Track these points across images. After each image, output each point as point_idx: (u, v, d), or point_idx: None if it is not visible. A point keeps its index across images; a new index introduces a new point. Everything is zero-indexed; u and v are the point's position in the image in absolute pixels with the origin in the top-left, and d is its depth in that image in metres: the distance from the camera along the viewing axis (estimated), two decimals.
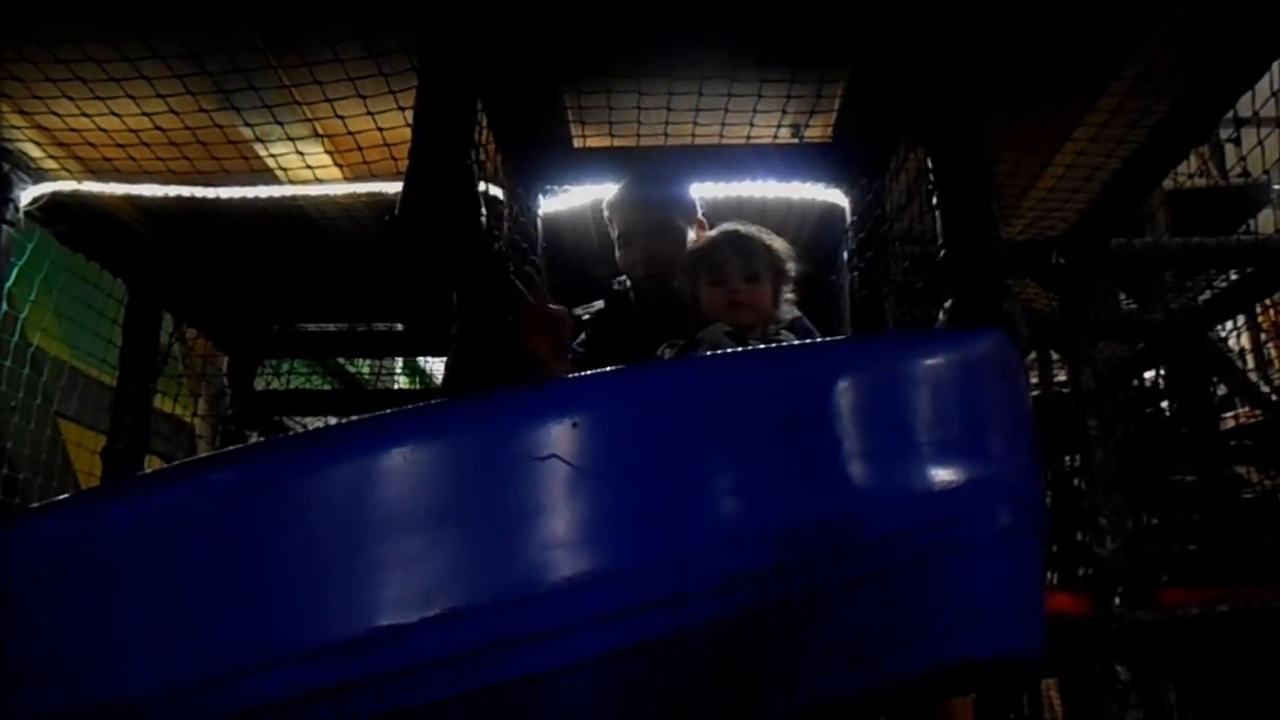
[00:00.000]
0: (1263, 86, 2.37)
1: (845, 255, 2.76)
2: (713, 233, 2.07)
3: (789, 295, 1.95)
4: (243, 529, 1.03)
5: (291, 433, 1.23)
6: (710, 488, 1.11)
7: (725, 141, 2.69)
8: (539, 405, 1.09)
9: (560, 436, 1.06)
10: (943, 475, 1.26)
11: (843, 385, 1.24)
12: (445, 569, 1.01)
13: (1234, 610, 2.43)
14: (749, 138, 2.68)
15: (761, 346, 1.66)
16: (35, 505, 1.24)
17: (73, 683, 0.99)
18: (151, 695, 0.98)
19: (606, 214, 2.33)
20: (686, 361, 1.48)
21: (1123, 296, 4.03)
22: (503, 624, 1.00)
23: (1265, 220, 3.61)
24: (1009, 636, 1.37)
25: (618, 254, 2.28)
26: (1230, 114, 2.53)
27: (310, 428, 3.02)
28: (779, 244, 1.97)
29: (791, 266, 1.97)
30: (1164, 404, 4.01)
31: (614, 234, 2.30)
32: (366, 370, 5.28)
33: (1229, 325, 3.78)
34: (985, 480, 1.32)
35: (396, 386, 5.34)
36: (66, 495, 1.17)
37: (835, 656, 1.16)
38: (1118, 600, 2.56)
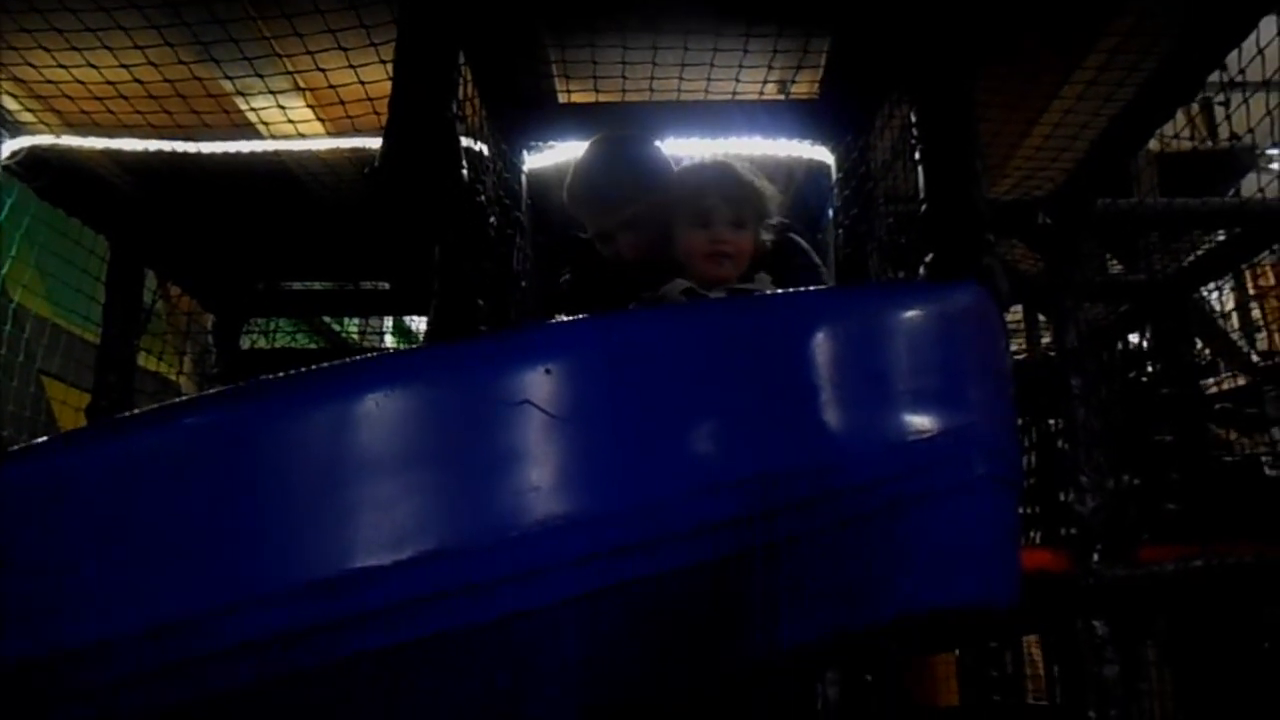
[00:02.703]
0: (1249, 46, 2.36)
1: (831, 213, 2.75)
2: (702, 166, 1.93)
3: (765, 237, 1.84)
4: (217, 472, 1.03)
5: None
6: (684, 434, 1.11)
7: (711, 97, 2.67)
8: (512, 351, 1.09)
9: (534, 383, 1.06)
10: (917, 424, 1.27)
11: (819, 335, 1.25)
12: (419, 512, 1.02)
13: (1208, 566, 2.46)
14: (735, 94, 2.66)
15: (735, 296, 1.66)
16: (15, 449, 1.24)
17: (51, 625, 1.00)
18: (127, 637, 0.99)
19: (570, 208, 2.03)
20: (662, 310, 1.48)
21: (1109, 258, 4.04)
22: (477, 566, 1.01)
23: (1251, 184, 3.60)
24: (982, 586, 1.39)
25: (595, 244, 2.01)
26: (1217, 74, 2.52)
27: None
28: (768, 188, 1.86)
29: (774, 210, 1.86)
30: (1148, 366, 4.02)
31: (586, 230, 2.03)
32: (355, 330, 5.27)
33: (1213, 287, 3.79)
34: (960, 430, 1.33)
35: (385, 345, 5.33)
36: (46, 439, 1.17)
37: (810, 603, 1.17)
38: (1096, 557, 2.59)
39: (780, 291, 1.65)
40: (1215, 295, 3.94)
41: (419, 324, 5.34)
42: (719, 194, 1.77)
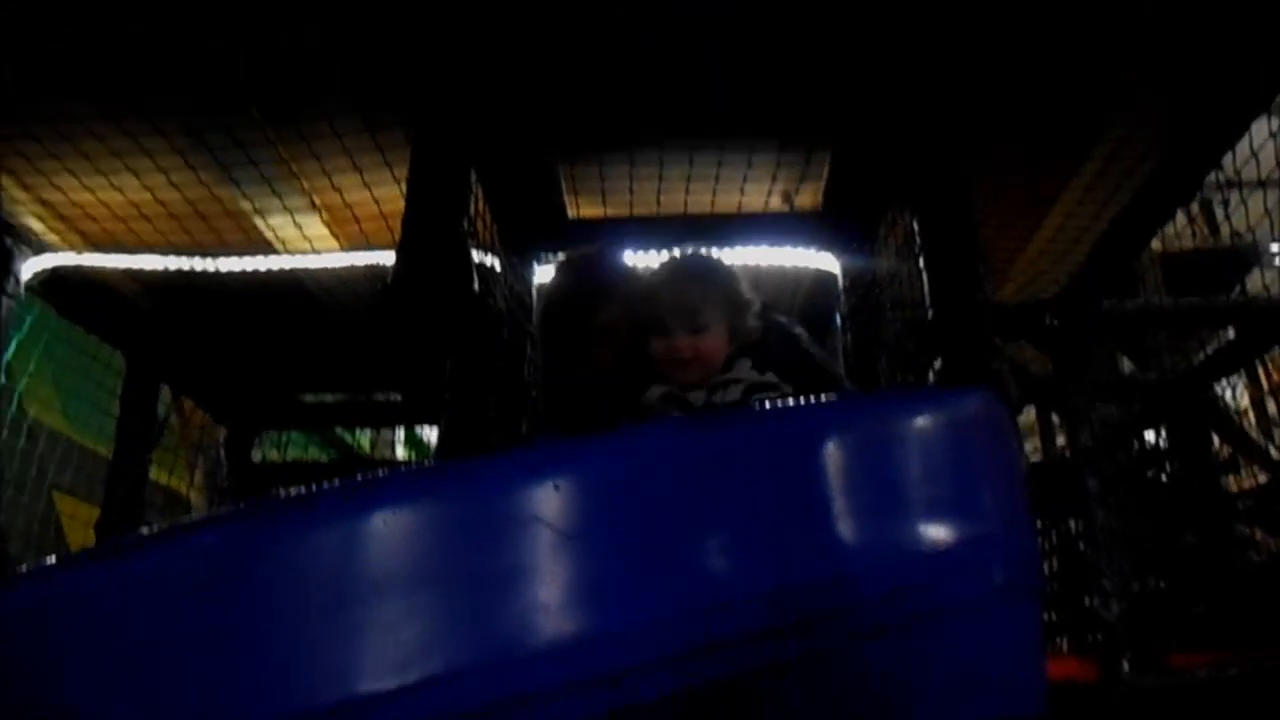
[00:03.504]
0: (1244, 146, 2.41)
1: (839, 319, 2.78)
2: (655, 271, 1.86)
3: (752, 323, 1.75)
4: (222, 592, 1.01)
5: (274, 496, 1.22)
6: (693, 551, 1.09)
7: (717, 210, 2.73)
8: (520, 468, 1.09)
9: (542, 500, 1.05)
10: (934, 534, 1.25)
11: (830, 446, 1.23)
12: (424, 634, 1.00)
13: (1245, 674, 2.38)
14: (740, 206, 2.72)
15: (740, 407, 1.65)
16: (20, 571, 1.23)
17: None
18: None
19: (546, 338, 1.96)
20: (668, 424, 1.48)
21: (1120, 356, 4.04)
22: (484, 689, 0.98)
23: (1256, 280, 3.63)
24: (1008, 699, 1.34)
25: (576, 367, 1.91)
26: (1212, 175, 2.57)
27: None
28: (728, 278, 1.77)
29: (747, 292, 1.77)
30: (1166, 464, 3.98)
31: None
32: (366, 442, 5.27)
33: (1226, 384, 3.77)
34: (977, 539, 1.30)
35: (396, 456, 5.32)
36: (50, 560, 1.16)
37: None
38: (1126, 665, 2.51)
39: (790, 404, 1.64)
40: (1228, 392, 3.92)
41: (430, 434, 5.34)
42: (670, 300, 1.72)
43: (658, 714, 1.05)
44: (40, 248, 2.91)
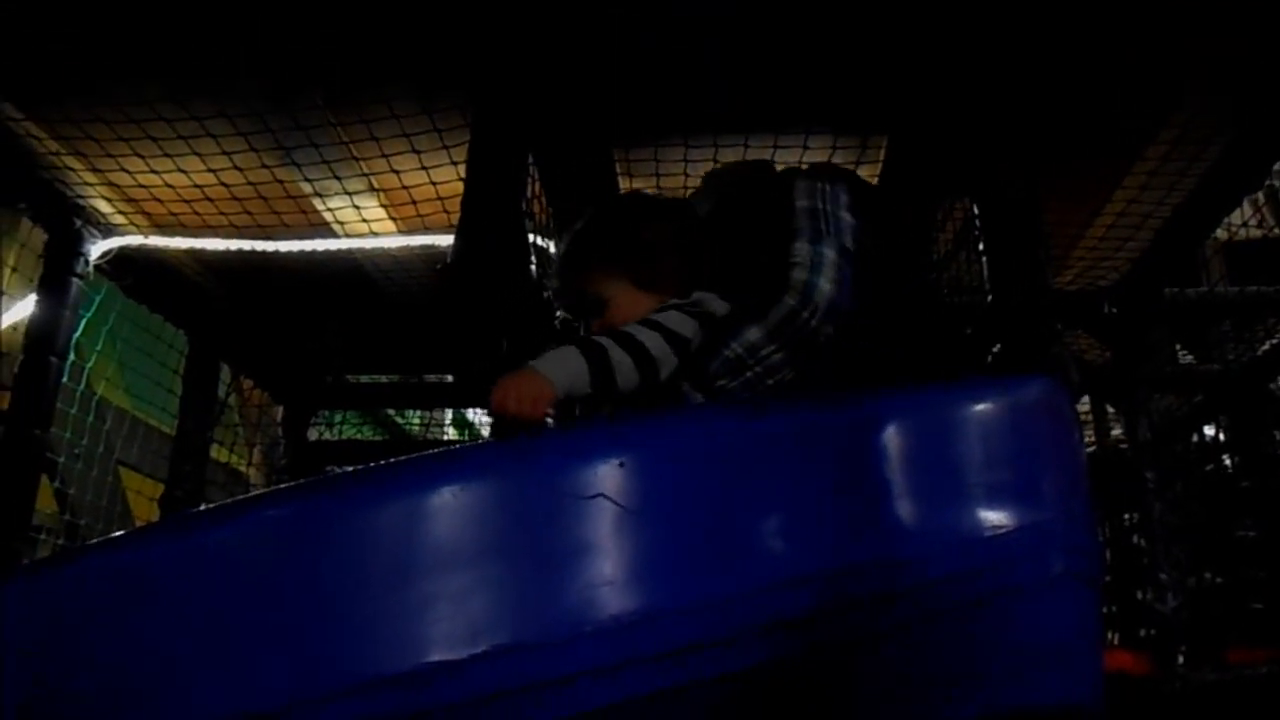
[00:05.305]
0: None
1: None
2: None
3: (667, 260, 1.55)
4: (293, 565, 1.04)
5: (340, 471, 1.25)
6: (758, 530, 1.11)
7: None
8: (587, 446, 1.10)
9: (608, 477, 1.07)
10: (994, 520, 1.25)
11: (893, 430, 1.24)
12: (493, 606, 1.02)
13: None
14: None
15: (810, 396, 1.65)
16: (91, 542, 1.28)
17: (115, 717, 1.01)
18: None
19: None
20: (736, 406, 1.49)
21: (1179, 349, 3.96)
22: (549, 662, 1.01)
23: None
24: (1065, 687, 1.34)
25: None
26: None
27: None
28: (595, 243, 1.58)
29: (632, 237, 1.57)
30: (1226, 458, 3.90)
31: None
32: (417, 423, 5.34)
33: None
34: (1038, 526, 1.30)
35: (446, 438, 5.39)
36: (120, 532, 1.20)
37: (883, 702, 1.14)
38: (1181, 659, 2.48)
39: (855, 392, 1.63)
40: None
41: (478, 416, 5.40)
42: (559, 304, 1.67)
43: (715, 691, 1.07)
44: (108, 230, 2.99)
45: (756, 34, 2.17)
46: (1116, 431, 4.39)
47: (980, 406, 1.32)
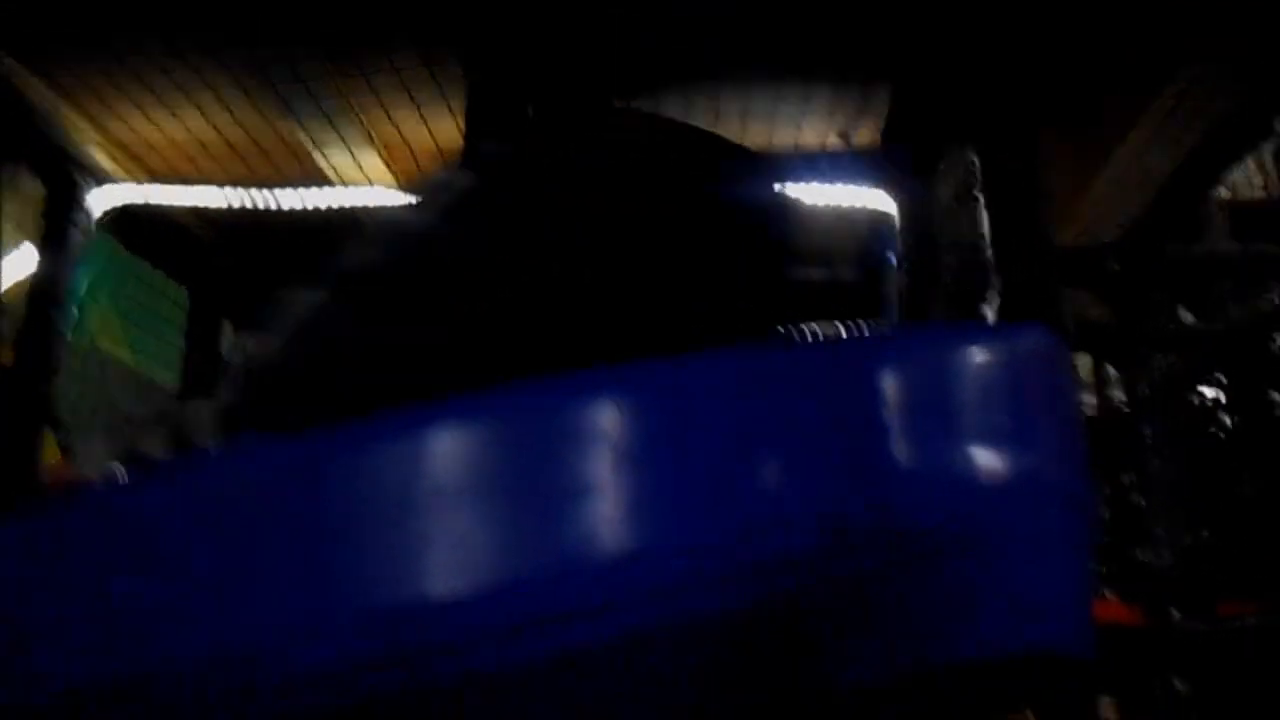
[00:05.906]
0: None
1: (894, 259, 2.75)
2: None
3: None
4: (296, 504, 1.06)
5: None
6: (749, 471, 1.12)
7: (774, 147, 2.71)
8: (581, 388, 1.11)
9: (609, 418, 1.08)
10: (987, 465, 1.26)
11: (888, 373, 1.25)
12: (495, 544, 1.04)
13: None
14: (797, 144, 2.69)
15: (808, 337, 1.66)
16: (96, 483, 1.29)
17: (122, 649, 1.04)
18: (202, 662, 1.02)
19: None
20: (735, 349, 1.49)
21: (1179, 309, 3.95)
22: (550, 598, 1.02)
23: None
24: (1057, 632, 1.36)
25: None
26: None
27: None
28: None
29: None
30: (1225, 417, 3.91)
31: None
32: None
33: None
34: (1031, 472, 1.31)
35: None
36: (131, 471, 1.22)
37: (877, 643, 1.16)
38: (1175, 612, 2.50)
39: (854, 333, 1.63)
40: None
41: None
42: None
43: (712, 628, 1.08)
44: (110, 183, 2.98)
45: None
46: (1118, 395, 4.40)
47: (974, 352, 1.33)
